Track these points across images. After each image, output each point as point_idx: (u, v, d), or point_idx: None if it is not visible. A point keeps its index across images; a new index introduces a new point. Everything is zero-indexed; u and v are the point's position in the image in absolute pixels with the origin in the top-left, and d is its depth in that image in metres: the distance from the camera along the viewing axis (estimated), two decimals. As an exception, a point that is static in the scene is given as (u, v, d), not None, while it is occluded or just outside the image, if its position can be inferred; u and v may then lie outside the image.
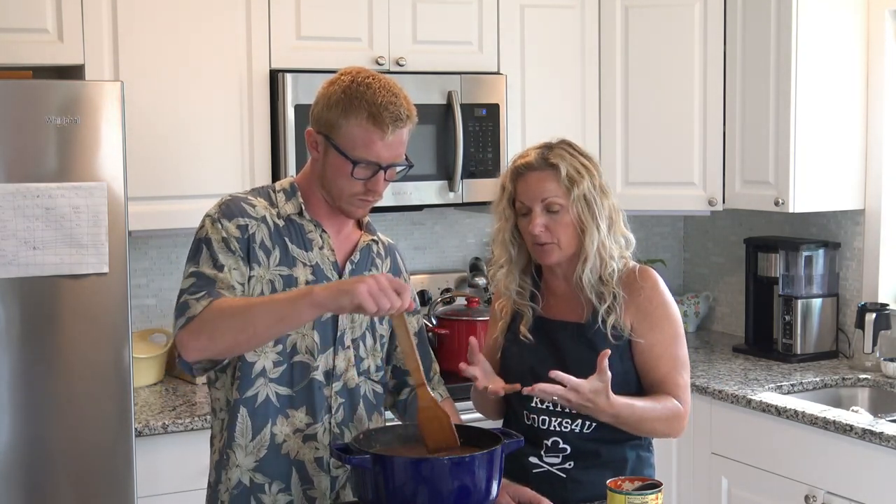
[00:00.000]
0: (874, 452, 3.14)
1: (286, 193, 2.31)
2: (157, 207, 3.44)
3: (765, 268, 4.14)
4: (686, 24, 4.06)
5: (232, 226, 2.22)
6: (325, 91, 2.26)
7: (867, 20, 3.88)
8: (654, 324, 2.44)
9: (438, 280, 4.24)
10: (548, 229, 2.41)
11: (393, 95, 2.21)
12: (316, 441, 2.27)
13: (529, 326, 2.49)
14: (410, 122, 2.24)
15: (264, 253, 2.24)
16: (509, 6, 3.96)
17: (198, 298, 2.15)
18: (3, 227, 2.92)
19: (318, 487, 2.28)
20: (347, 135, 2.21)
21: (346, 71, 2.27)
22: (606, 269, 2.43)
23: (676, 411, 2.41)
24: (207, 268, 2.19)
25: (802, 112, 3.79)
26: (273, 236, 2.25)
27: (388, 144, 2.21)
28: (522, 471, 2.43)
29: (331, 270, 2.30)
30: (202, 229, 2.26)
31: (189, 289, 2.18)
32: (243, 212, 2.25)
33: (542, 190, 2.41)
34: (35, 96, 2.98)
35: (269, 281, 2.23)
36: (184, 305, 2.16)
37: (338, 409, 2.29)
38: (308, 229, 2.30)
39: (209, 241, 2.22)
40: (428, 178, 3.78)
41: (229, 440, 2.26)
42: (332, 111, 2.22)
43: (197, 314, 2.13)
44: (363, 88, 2.21)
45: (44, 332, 3.01)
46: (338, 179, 2.25)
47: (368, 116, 2.19)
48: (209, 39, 3.50)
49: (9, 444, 2.98)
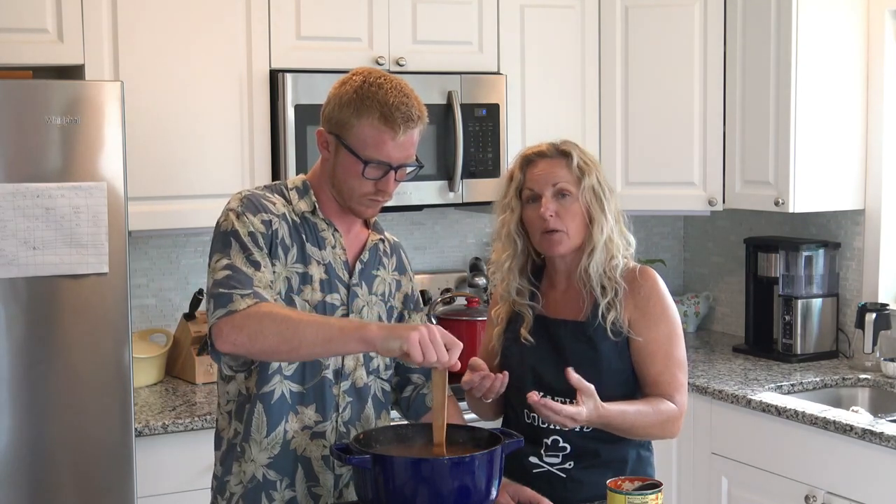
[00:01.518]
0: (874, 452, 3.14)
1: (299, 192, 2.32)
2: (157, 207, 3.44)
3: (765, 268, 4.14)
4: (686, 24, 4.06)
5: (257, 220, 2.22)
6: (336, 91, 2.27)
7: (867, 20, 3.88)
8: (652, 322, 2.45)
9: (438, 280, 4.24)
10: (558, 215, 2.42)
11: (404, 96, 2.22)
12: (324, 439, 2.28)
13: (530, 327, 2.49)
14: (421, 123, 2.25)
15: (283, 250, 2.24)
16: (509, 6, 3.96)
17: (242, 295, 2.12)
18: (3, 227, 2.92)
19: (324, 485, 2.29)
20: (359, 135, 2.21)
21: (357, 71, 2.28)
22: (612, 263, 2.44)
23: (670, 414, 2.41)
24: (241, 263, 2.17)
25: (802, 112, 3.79)
26: (292, 233, 2.26)
27: (399, 145, 2.22)
28: (522, 471, 2.43)
29: (342, 269, 2.30)
30: (227, 222, 2.22)
31: (226, 281, 2.14)
32: (266, 207, 2.25)
33: (554, 176, 2.43)
34: (35, 96, 2.98)
35: (285, 278, 2.24)
36: (226, 297, 2.12)
37: (345, 408, 2.30)
38: (321, 228, 2.30)
39: (237, 234, 2.20)
40: (428, 178, 3.78)
41: (245, 434, 2.26)
42: (343, 111, 2.23)
43: (241, 309, 2.10)
44: (375, 89, 2.21)
45: (44, 332, 3.01)
46: (349, 179, 2.25)
47: (380, 116, 2.20)
48: (209, 39, 3.50)
49: (9, 444, 2.98)
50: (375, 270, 2.37)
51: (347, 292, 2.30)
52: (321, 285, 2.27)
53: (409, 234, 4.27)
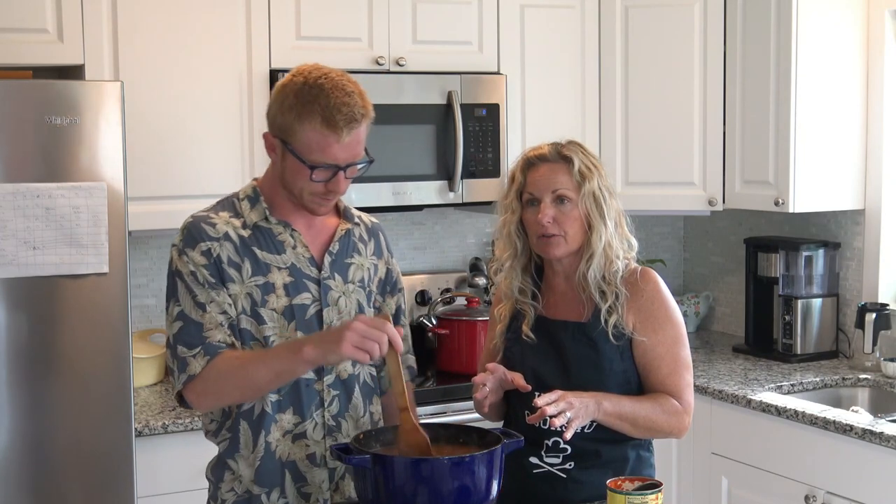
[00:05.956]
0: (874, 452, 3.14)
1: (250, 200, 2.31)
2: (157, 207, 3.44)
3: (765, 268, 4.14)
4: (686, 24, 4.06)
5: (196, 254, 2.24)
6: (277, 94, 2.24)
7: (867, 20, 3.88)
8: (656, 325, 2.44)
9: (438, 280, 4.24)
10: (556, 221, 2.41)
11: (346, 95, 2.18)
12: (306, 438, 2.28)
13: (531, 326, 2.49)
14: (366, 120, 2.21)
15: (234, 269, 2.24)
16: (509, 6, 3.96)
17: (194, 355, 2.20)
18: (3, 227, 2.92)
19: (312, 483, 2.29)
20: (303, 140, 2.19)
21: (298, 71, 2.24)
22: (611, 268, 2.43)
23: (675, 408, 2.42)
24: (190, 308, 2.23)
25: (802, 112, 3.79)
26: (240, 250, 2.26)
27: (344, 146, 2.19)
28: (522, 471, 2.43)
29: (308, 267, 2.30)
30: (171, 261, 2.28)
31: (180, 336, 2.23)
32: (203, 234, 2.25)
33: (554, 181, 2.42)
34: (35, 96, 2.98)
35: (247, 294, 2.24)
36: (182, 362, 2.22)
37: (332, 402, 2.30)
38: (277, 232, 2.30)
39: (181, 275, 2.25)
40: (428, 178, 3.78)
41: (232, 450, 2.29)
42: (286, 116, 2.20)
43: (197, 374, 2.20)
44: (316, 91, 2.17)
45: (44, 332, 3.01)
46: (297, 181, 2.24)
47: (322, 121, 2.16)
48: (209, 39, 3.50)
49: (9, 444, 2.98)
50: (349, 258, 2.36)
51: (319, 287, 2.30)
52: (286, 290, 2.26)
53: (409, 234, 4.28)
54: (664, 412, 2.40)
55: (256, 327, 2.25)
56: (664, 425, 2.42)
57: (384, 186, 3.72)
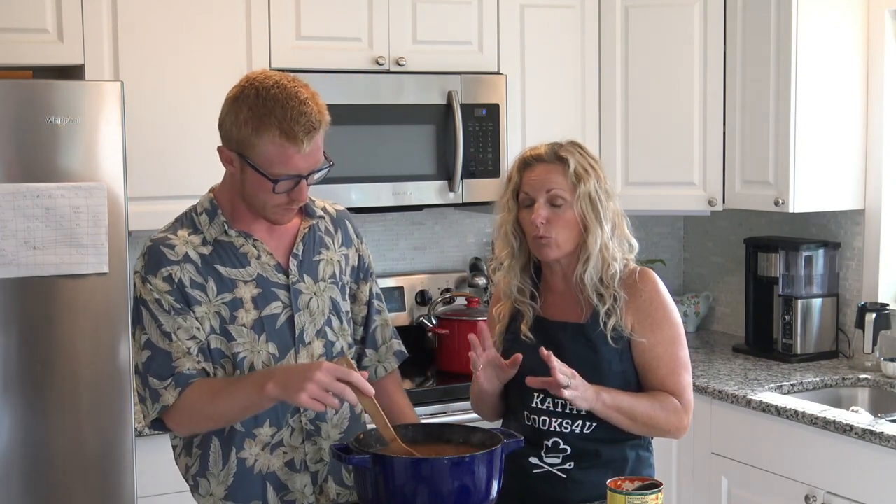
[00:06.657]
0: (874, 452, 3.14)
1: (208, 214, 2.28)
2: (157, 207, 3.42)
3: (765, 268, 4.14)
4: (686, 23, 4.06)
5: (159, 281, 2.21)
6: (230, 107, 2.18)
7: (867, 20, 3.88)
8: (655, 325, 2.44)
9: (438, 280, 4.24)
10: (549, 222, 2.41)
11: (301, 103, 2.13)
12: (283, 446, 2.27)
13: (530, 326, 2.49)
14: (324, 125, 2.17)
15: (199, 290, 2.22)
16: (509, 6, 3.96)
17: (166, 387, 2.18)
18: (3, 227, 2.92)
19: (294, 489, 2.28)
20: (262, 153, 2.14)
21: (247, 82, 2.18)
22: (608, 271, 2.43)
23: (673, 407, 2.41)
24: (157, 337, 2.20)
25: (802, 112, 3.79)
26: (202, 270, 2.23)
27: (305, 156, 2.15)
28: (522, 471, 2.43)
29: (275, 275, 2.27)
30: (136, 288, 2.25)
31: (150, 365, 2.20)
32: (163, 259, 2.22)
33: (549, 181, 2.41)
34: (35, 96, 2.98)
35: (215, 313, 2.22)
36: (154, 394, 2.20)
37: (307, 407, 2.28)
38: (239, 244, 2.26)
39: (146, 303, 2.22)
40: (428, 178, 3.78)
41: (202, 468, 2.28)
42: (241, 130, 2.15)
43: (171, 405, 2.18)
44: (270, 103, 2.12)
45: (44, 332, 3.01)
46: (259, 195, 2.20)
47: (281, 133, 2.12)
48: (209, 39, 3.50)
49: (9, 444, 2.98)
50: (317, 255, 2.33)
51: (289, 293, 2.27)
52: (255, 302, 2.24)
53: (409, 234, 4.27)
54: (663, 409, 2.40)
55: (226, 345, 2.22)
56: (663, 422, 2.42)
57: (384, 186, 3.72)
